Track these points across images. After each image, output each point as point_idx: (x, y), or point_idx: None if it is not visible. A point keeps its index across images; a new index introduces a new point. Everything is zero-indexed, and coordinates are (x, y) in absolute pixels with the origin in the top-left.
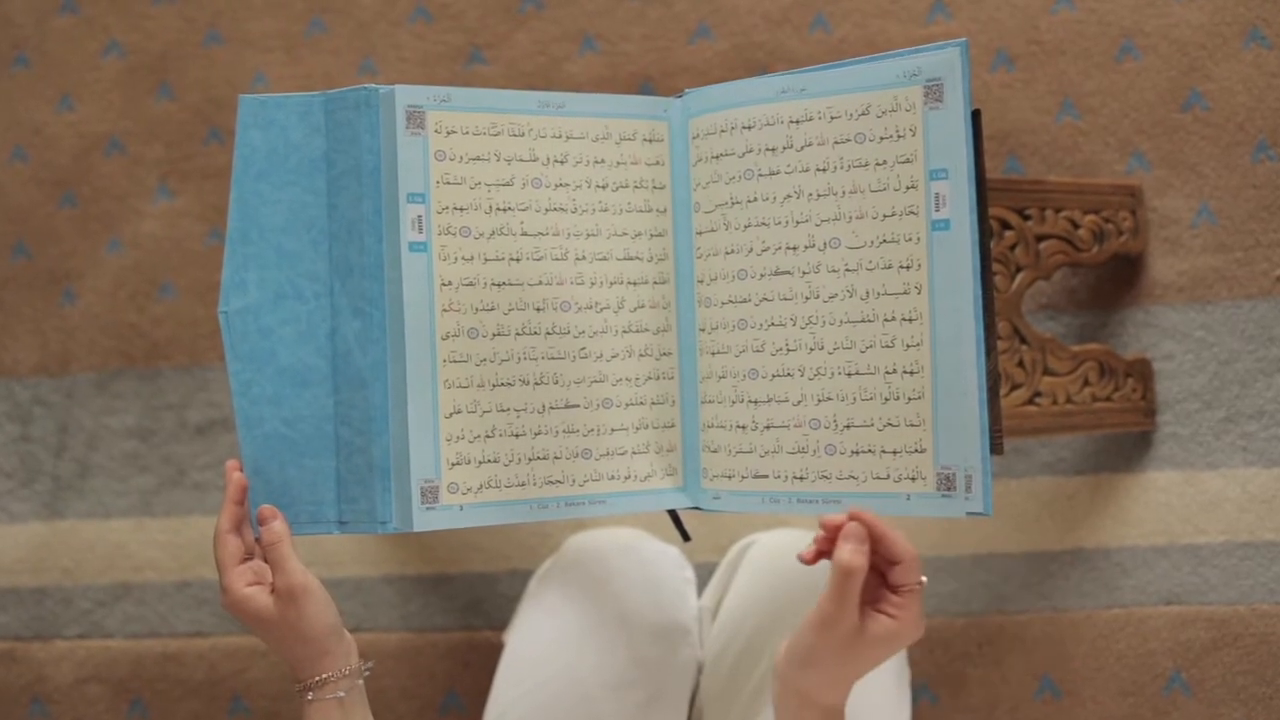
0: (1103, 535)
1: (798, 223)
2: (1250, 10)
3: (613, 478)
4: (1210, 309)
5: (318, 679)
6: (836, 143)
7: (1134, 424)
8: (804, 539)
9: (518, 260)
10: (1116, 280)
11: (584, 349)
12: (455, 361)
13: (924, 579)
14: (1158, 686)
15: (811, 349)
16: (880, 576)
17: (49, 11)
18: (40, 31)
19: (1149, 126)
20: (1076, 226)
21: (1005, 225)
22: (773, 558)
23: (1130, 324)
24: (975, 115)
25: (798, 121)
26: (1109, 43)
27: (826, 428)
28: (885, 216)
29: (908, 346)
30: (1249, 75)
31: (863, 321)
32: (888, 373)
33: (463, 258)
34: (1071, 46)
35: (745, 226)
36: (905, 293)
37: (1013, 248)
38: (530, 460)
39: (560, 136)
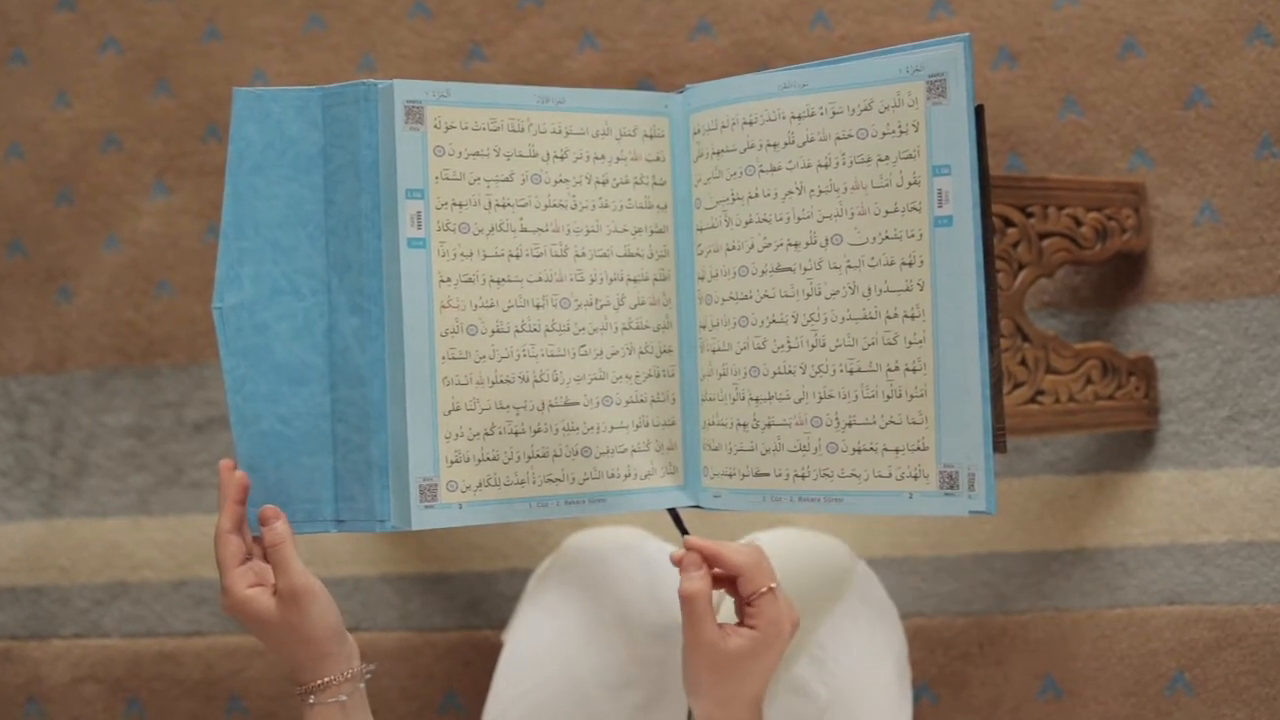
0: (1105, 534)
1: (799, 219)
2: (1254, 7)
3: (613, 476)
4: (1214, 307)
5: (319, 682)
6: (838, 138)
7: (1137, 423)
8: (805, 538)
9: (517, 257)
10: (1119, 278)
11: (584, 346)
12: (454, 358)
13: (773, 585)
14: (1160, 686)
15: (813, 346)
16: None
17: (46, 7)
18: (37, 28)
19: (1152, 124)
20: (1079, 224)
21: (1008, 223)
22: (773, 556)
23: (1133, 322)
24: (978, 111)
25: (799, 117)
26: (1112, 39)
27: (828, 426)
28: (887, 213)
29: (910, 344)
30: (1252, 72)
31: (865, 318)
32: (890, 370)
33: (462, 254)
34: (1074, 43)
35: (746, 223)
36: (907, 289)
37: (1015, 245)
38: (529, 458)
39: (560, 132)
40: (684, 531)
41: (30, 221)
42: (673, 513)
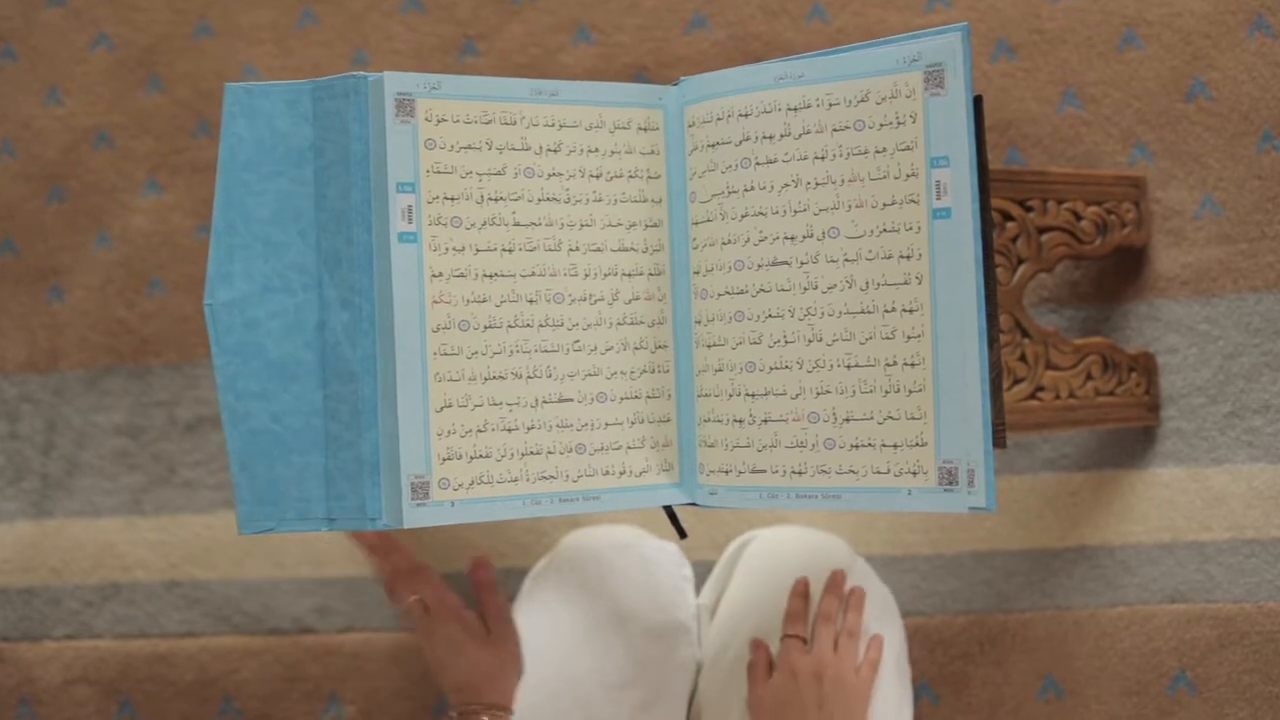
0: (1106, 532)
1: (796, 212)
2: None
3: (607, 473)
4: (1215, 302)
5: (496, 703)
6: (835, 130)
7: (1138, 419)
8: (802, 535)
9: (510, 251)
10: (1119, 273)
11: (577, 342)
12: (446, 354)
13: (794, 633)
14: (1162, 686)
15: (810, 341)
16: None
17: (37, 4)
18: (28, 24)
19: (1152, 117)
20: (1079, 218)
21: (1007, 217)
22: (771, 554)
23: (1134, 317)
24: (977, 101)
25: (795, 109)
26: (1111, 31)
27: (825, 421)
28: (885, 205)
29: (908, 338)
30: (1253, 64)
31: (862, 313)
32: (888, 365)
33: (453, 249)
34: (1073, 35)
35: (742, 216)
36: (906, 283)
37: (1014, 240)
38: (523, 455)
39: (553, 125)
40: (679, 529)
41: (21, 219)
42: (668, 510)
